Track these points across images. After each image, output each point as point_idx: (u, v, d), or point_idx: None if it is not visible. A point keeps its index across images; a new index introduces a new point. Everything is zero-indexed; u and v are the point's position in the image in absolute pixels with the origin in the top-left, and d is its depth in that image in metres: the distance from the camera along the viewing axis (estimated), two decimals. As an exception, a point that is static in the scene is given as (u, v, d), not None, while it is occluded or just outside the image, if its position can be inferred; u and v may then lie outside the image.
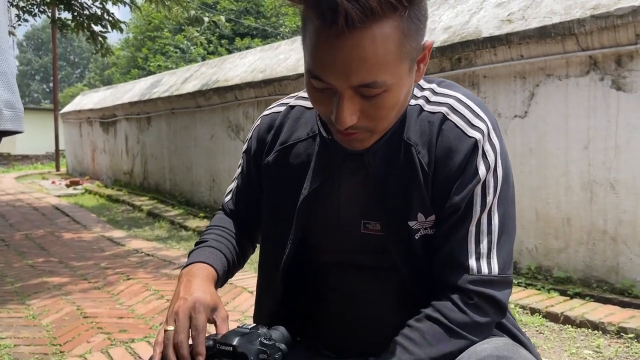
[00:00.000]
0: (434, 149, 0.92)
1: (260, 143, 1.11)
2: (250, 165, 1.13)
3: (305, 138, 1.04)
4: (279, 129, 1.08)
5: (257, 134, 1.12)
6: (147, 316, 3.09)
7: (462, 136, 0.91)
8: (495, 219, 0.93)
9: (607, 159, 3.19)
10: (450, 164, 0.91)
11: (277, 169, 1.06)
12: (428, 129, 0.93)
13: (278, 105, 1.14)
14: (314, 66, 0.80)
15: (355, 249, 1.01)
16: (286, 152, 1.05)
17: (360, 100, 0.80)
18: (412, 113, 0.95)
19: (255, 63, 6.62)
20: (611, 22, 3.05)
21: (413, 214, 0.93)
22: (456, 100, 0.94)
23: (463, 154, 0.90)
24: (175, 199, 7.93)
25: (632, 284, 3.09)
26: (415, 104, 0.96)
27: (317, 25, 0.76)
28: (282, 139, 1.06)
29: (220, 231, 1.13)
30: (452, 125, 0.92)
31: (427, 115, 0.94)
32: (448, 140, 0.91)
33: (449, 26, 4.12)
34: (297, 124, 1.06)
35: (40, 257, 4.74)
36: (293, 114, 1.09)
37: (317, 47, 0.78)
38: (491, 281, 0.91)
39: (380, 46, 0.75)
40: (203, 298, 0.93)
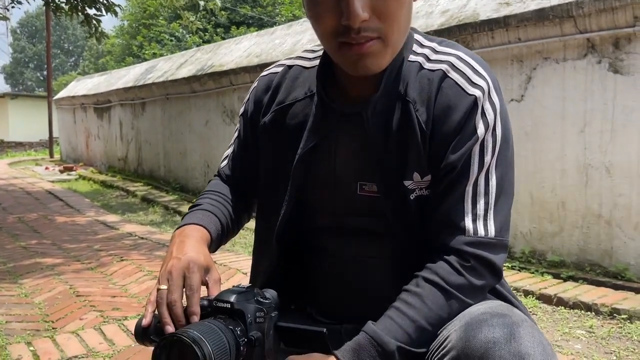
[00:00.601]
0: (433, 107, 0.90)
1: (257, 104, 1.09)
2: (247, 128, 1.11)
3: (303, 98, 1.02)
4: (276, 89, 1.06)
5: (254, 96, 1.11)
6: (140, 295, 3.07)
7: (461, 94, 0.89)
8: (492, 180, 0.91)
9: (603, 142, 3.19)
10: (449, 121, 0.89)
11: (273, 129, 1.04)
12: (427, 86, 0.91)
13: (276, 66, 1.12)
14: None
15: (351, 212, 0.99)
16: (283, 113, 1.03)
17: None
18: (411, 70, 0.94)
19: (250, 48, 6.57)
20: (609, 5, 3.03)
21: (409, 173, 0.92)
22: (457, 58, 0.93)
23: (462, 111, 0.89)
24: (170, 184, 7.90)
25: (626, 267, 3.10)
26: (414, 61, 0.94)
27: None
28: (279, 99, 1.05)
29: (216, 196, 1.12)
30: (452, 82, 0.90)
31: (426, 73, 0.92)
32: (447, 98, 0.89)
33: (446, 9, 4.09)
34: (294, 84, 1.05)
35: (33, 239, 4.71)
36: (291, 73, 1.07)
37: None
38: (488, 243, 0.89)
39: None
40: (197, 258, 0.91)
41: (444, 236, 0.90)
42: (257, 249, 1.14)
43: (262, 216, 1.11)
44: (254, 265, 1.16)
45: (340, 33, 0.83)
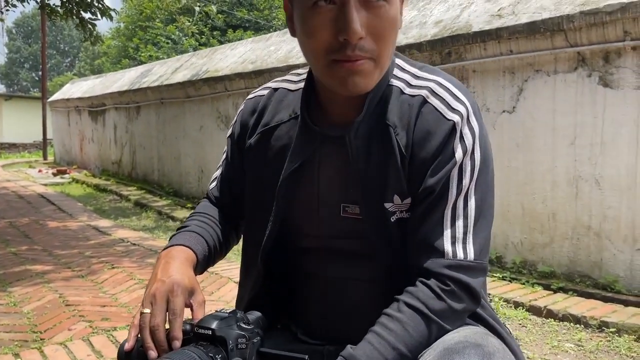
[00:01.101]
0: (412, 132, 0.91)
1: (243, 126, 1.10)
2: (234, 150, 1.12)
3: (287, 120, 1.03)
4: (262, 112, 1.07)
5: (240, 118, 1.12)
6: (130, 305, 3.07)
7: (440, 119, 0.90)
8: (471, 203, 0.91)
9: (593, 155, 3.21)
10: (428, 146, 0.90)
11: (259, 151, 1.05)
12: (407, 111, 0.93)
13: (262, 89, 1.13)
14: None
15: (335, 233, 1.00)
16: (268, 134, 1.04)
17: (366, 13, 0.82)
18: (392, 94, 0.95)
19: (245, 54, 6.58)
20: (600, 19, 3.06)
21: (389, 196, 0.93)
22: (437, 84, 0.94)
23: (441, 136, 0.90)
24: (164, 189, 7.88)
25: (615, 279, 3.11)
26: (395, 85, 0.96)
27: None
28: (265, 121, 1.06)
29: (204, 217, 1.12)
30: (431, 108, 0.91)
31: (407, 98, 0.94)
32: (427, 123, 0.91)
33: (439, 20, 4.11)
34: (279, 106, 1.06)
35: (24, 245, 4.69)
36: (276, 96, 1.08)
37: None
38: (467, 266, 0.89)
39: None
40: (181, 281, 0.91)
41: (424, 259, 0.91)
42: (244, 268, 1.15)
43: (248, 236, 1.12)
44: (240, 283, 1.17)
45: (335, 50, 0.84)
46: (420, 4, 4.62)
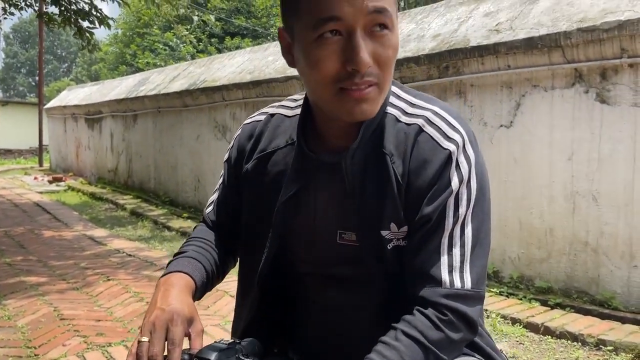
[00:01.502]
0: (409, 160, 0.92)
1: (240, 151, 1.11)
2: (231, 175, 1.13)
3: (284, 146, 1.03)
4: (259, 137, 1.08)
5: (237, 143, 1.13)
6: (125, 319, 3.04)
7: (436, 148, 0.91)
8: (468, 232, 0.92)
9: (590, 170, 3.22)
10: (424, 175, 0.91)
11: (255, 176, 1.05)
12: (404, 140, 0.93)
13: (259, 114, 1.14)
14: (327, 7, 0.82)
15: (332, 260, 1.00)
16: (265, 160, 1.04)
17: (371, 42, 0.83)
18: (388, 122, 0.95)
19: (243, 64, 6.59)
20: (597, 36, 3.07)
21: (386, 224, 0.93)
22: (432, 113, 0.94)
23: (437, 165, 0.90)
24: (160, 198, 7.86)
25: (612, 295, 3.11)
26: (391, 113, 0.96)
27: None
28: (261, 147, 1.06)
29: (201, 242, 1.12)
30: (427, 137, 0.92)
31: (403, 127, 0.94)
32: (423, 152, 0.91)
33: (437, 34, 4.13)
34: (276, 132, 1.06)
35: (18, 255, 4.66)
36: (273, 122, 1.08)
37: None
38: (464, 295, 0.89)
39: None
40: (181, 310, 0.91)
41: (421, 288, 0.91)
42: (240, 292, 1.14)
43: (244, 261, 1.12)
44: (237, 306, 1.16)
45: (342, 79, 0.85)
46: (418, 17, 4.63)
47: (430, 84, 4.07)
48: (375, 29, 0.83)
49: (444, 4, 4.61)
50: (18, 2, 7.42)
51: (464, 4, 4.30)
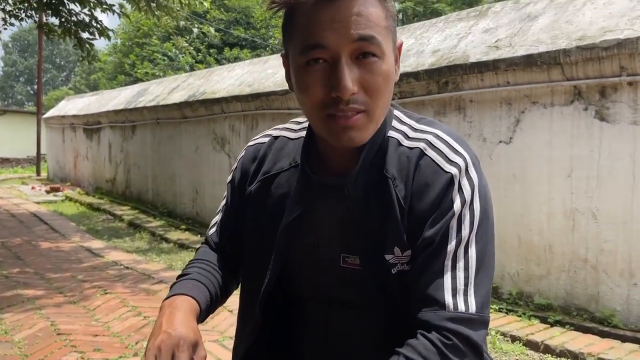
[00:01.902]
0: (411, 184, 0.92)
1: (244, 173, 1.11)
2: (235, 196, 1.12)
3: (288, 168, 1.04)
4: (262, 159, 1.08)
5: (241, 165, 1.13)
6: (122, 334, 3.02)
7: (438, 171, 0.91)
8: (472, 254, 0.91)
9: (589, 188, 3.22)
10: (426, 198, 0.90)
11: (259, 198, 1.05)
12: (406, 163, 0.93)
13: (262, 136, 1.14)
14: (313, 35, 0.83)
15: (334, 283, 0.99)
16: (268, 182, 1.04)
17: (358, 69, 0.83)
18: (390, 145, 0.96)
19: (243, 76, 6.60)
20: (596, 54, 3.09)
21: (389, 248, 0.92)
22: (434, 137, 0.95)
23: (438, 188, 0.90)
24: (157, 209, 7.84)
25: (612, 313, 3.10)
26: (393, 137, 0.96)
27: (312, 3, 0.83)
28: (265, 169, 1.06)
29: (204, 264, 1.11)
30: (429, 160, 0.92)
31: (405, 150, 0.94)
32: (425, 176, 0.91)
33: (437, 49, 4.15)
34: (279, 155, 1.06)
35: (15, 267, 4.64)
36: (276, 144, 1.09)
37: (316, 15, 0.83)
38: (469, 319, 0.88)
39: (372, 9, 0.84)
40: (187, 335, 0.90)
41: (424, 311, 0.89)
42: (242, 314, 1.13)
43: (246, 283, 1.11)
44: (238, 328, 1.15)
45: (328, 105, 0.85)
46: (417, 32, 4.66)
47: (429, 99, 4.08)
48: (362, 57, 0.83)
49: (444, 19, 4.64)
50: (18, 13, 7.45)
51: (463, 20, 4.33)
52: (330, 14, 0.81)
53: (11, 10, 7.45)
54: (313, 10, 0.82)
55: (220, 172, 6.59)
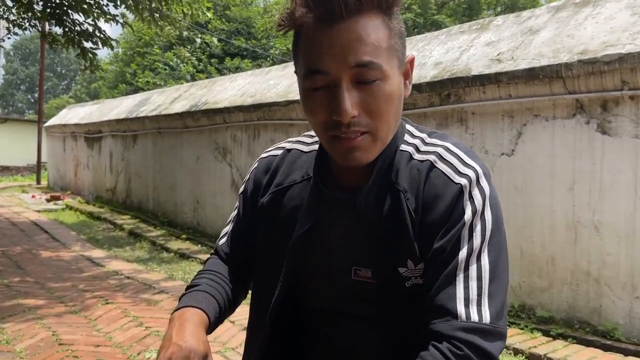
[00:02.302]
0: (421, 196, 0.92)
1: (256, 185, 1.11)
2: (247, 207, 1.13)
3: (300, 181, 1.04)
4: (275, 172, 1.09)
5: (254, 176, 1.13)
6: (124, 345, 3.01)
7: (448, 183, 0.91)
8: (485, 264, 0.90)
9: (592, 200, 3.23)
10: (436, 209, 0.91)
11: (271, 210, 1.06)
12: (417, 176, 0.94)
13: (276, 149, 1.15)
14: (313, 60, 0.84)
15: (346, 296, 0.99)
16: (281, 194, 1.05)
17: (358, 92, 0.84)
18: (402, 159, 0.96)
19: (245, 87, 6.63)
20: (598, 68, 3.12)
21: (402, 261, 0.92)
22: (445, 150, 0.95)
23: (449, 199, 0.90)
24: (158, 218, 7.83)
25: (615, 326, 3.10)
26: (405, 150, 0.97)
27: (315, 24, 0.83)
28: (277, 181, 1.07)
29: (214, 275, 1.12)
30: (439, 172, 0.92)
31: (416, 163, 0.95)
32: (434, 187, 0.92)
33: (439, 62, 4.18)
34: (292, 167, 1.07)
35: (16, 276, 4.63)
36: (289, 157, 1.10)
37: (316, 40, 0.84)
38: (482, 330, 0.86)
39: (372, 31, 0.83)
40: (197, 347, 0.91)
41: (437, 322, 0.89)
42: (252, 325, 1.14)
43: (257, 294, 1.11)
44: (247, 339, 1.15)
45: (331, 127, 0.87)
46: (419, 45, 4.69)
47: (431, 111, 4.10)
48: (363, 81, 0.84)
49: (445, 32, 4.67)
50: (22, 22, 7.49)
51: (465, 33, 4.36)
52: (329, 39, 0.82)
53: (15, 20, 7.50)
54: (314, 35, 0.83)
55: (222, 182, 6.60)
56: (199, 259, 5.55)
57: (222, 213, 6.55)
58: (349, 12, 0.81)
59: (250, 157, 6.20)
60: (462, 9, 24.16)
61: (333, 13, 0.81)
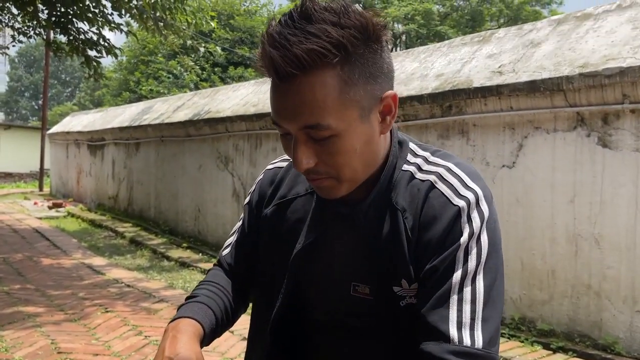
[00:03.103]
0: (419, 216, 0.92)
1: (261, 196, 1.12)
2: (252, 218, 1.13)
3: (304, 194, 1.05)
4: (279, 184, 1.10)
5: (259, 187, 1.14)
6: (123, 354, 3.00)
7: (447, 204, 0.90)
8: (479, 288, 0.90)
9: (592, 213, 3.23)
10: (433, 230, 0.90)
11: (274, 222, 1.06)
12: (416, 195, 0.93)
13: (281, 161, 1.16)
14: (272, 113, 0.85)
15: (345, 311, 1.00)
16: (284, 207, 1.06)
17: (315, 144, 0.84)
18: (403, 178, 0.96)
19: (247, 96, 6.66)
20: (599, 81, 3.13)
21: (397, 280, 0.92)
22: (446, 170, 0.95)
23: (446, 221, 0.90)
24: (159, 227, 7.84)
25: (615, 340, 3.08)
26: (407, 170, 0.97)
27: (272, 76, 0.83)
28: (281, 193, 1.08)
29: (213, 287, 1.11)
30: (438, 193, 0.92)
31: (417, 183, 0.95)
32: (433, 208, 0.91)
33: (441, 73, 4.19)
34: (297, 180, 1.08)
35: (16, 283, 4.63)
36: (294, 169, 1.10)
37: (271, 95, 0.85)
38: (474, 354, 0.86)
39: (317, 92, 0.80)
40: (189, 358, 0.90)
41: (428, 344, 0.88)
42: (252, 337, 1.14)
43: (258, 306, 1.11)
44: (248, 352, 1.15)
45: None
46: (421, 56, 4.71)
47: (432, 122, 4.11)
48: (315, 137, 0.84)
49: (447, 44, 4.69)
50: (27, 30, 7.55)
51: (467, 45, 4.38)
52: (280, 97, 0.82)
53: (20, 28, 7.56)
54: (272, 87, 0.84)
55: (223, 191, 6.61)
56: (200, 268, 5.54)
57: (224, 222, 6.55)
58: (293, 74, 0.78)
59: (252, 167, 6.21)
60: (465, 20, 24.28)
61: (277, 72, 0.79)
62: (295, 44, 0.78)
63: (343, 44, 0.80)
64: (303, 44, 0.78)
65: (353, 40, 0.81)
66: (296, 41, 0.78)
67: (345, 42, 0.80)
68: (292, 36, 0.78)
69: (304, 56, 0.77)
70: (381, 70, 0.86)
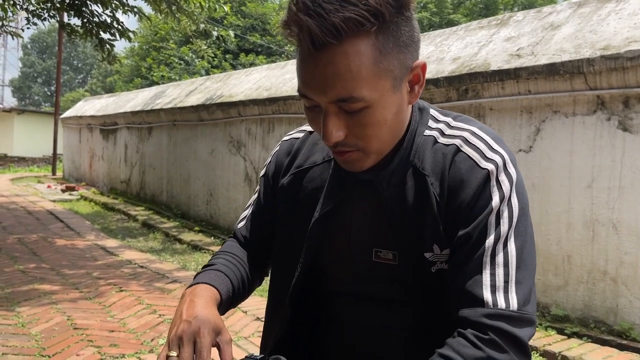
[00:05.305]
0: (446, 181, 0.91)
1: (277, 166, 1.11)
2: (268, 190, 1.12)
3: (321, 162, 1.04)
4: (296, 153, 1.08)
5: (275, 158, 1.13)
6: (138, 331, 3.03)
7: (474, 167, 0.89)
8: (512, 251, 0.89)
9: (611, 199, 3.19)
10: (462, 195, 0.89)
11: (291, 191, 1.05)
12: (441, 160, 0.92)
13: (297, 132, 1.14)
14: (300, 84, 0.83)
15: (366, 278, 0.99)
16: (301, 176, 1.04)
17: (345, 116, 0.82)
18: (426, 143, 0.95)
19: (260, 81, 6.64)
20: (620, 64, 3.07)
21: (428, 245, 0.91)
22: (471, 134, 0.93)
23: (475, 185, 0.88)
24: (171, 210, 7.88)
25: (631, 326, 3.06)
26: (429, 135, 0.95)
27: (298, 46, 0.80)
28: (298, 163, 1.06)
29: (230, 257, 1.11)
30: (465, 156, 0.90)
31: (440, 147, 0.93)
32: (460, 172, 0.90)
33: (457, 57, 4.15)
34: (313, 149, 1.06)
35: (32, 262, 4.68)
36: (311, 139, 1.09)
37: (300, 66, 0.82)
38: (509, 316, 0.84)
39: (352, 62, 0.77)
40: (207, 320, 0.89)
41: (463, 309, 0.88)
42: (270, 310, 1.13)
43: (276, 277, 1.10)
44: (266, 324, 1.14)
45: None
46: (437, 40, 4.66)
47: (449, 106, 4.07)
48: (347, 110, 0.82)
49: (464, 27, 4.64)
50: (41, 13, 7.56)
51: (484, 28, 4.32)
52: (311, 67, 0.79)
53: (34, 10, 7.58)
54: (302, 57, 0.81)
55: (235, 175, 6.62)
56: (212, 251, 5.57)
57: (235, 206, 6.57)
58: (329, 43, 0.76)
59: (265, 151, 6.20)
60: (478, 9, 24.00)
61: (313, 41, 0.76)
62: (332, 12, 0.75)
63: (381, 12, 0.77)
64: (340, 12, 0.75)
65: (389, 8, 0.78)
66: (332, 9, 0.75)
67: (383, 10, 0.77)
68: (328, 4, 0.76)
69: (342, 25, 0.75)
70: (412, 38, 0.84)
